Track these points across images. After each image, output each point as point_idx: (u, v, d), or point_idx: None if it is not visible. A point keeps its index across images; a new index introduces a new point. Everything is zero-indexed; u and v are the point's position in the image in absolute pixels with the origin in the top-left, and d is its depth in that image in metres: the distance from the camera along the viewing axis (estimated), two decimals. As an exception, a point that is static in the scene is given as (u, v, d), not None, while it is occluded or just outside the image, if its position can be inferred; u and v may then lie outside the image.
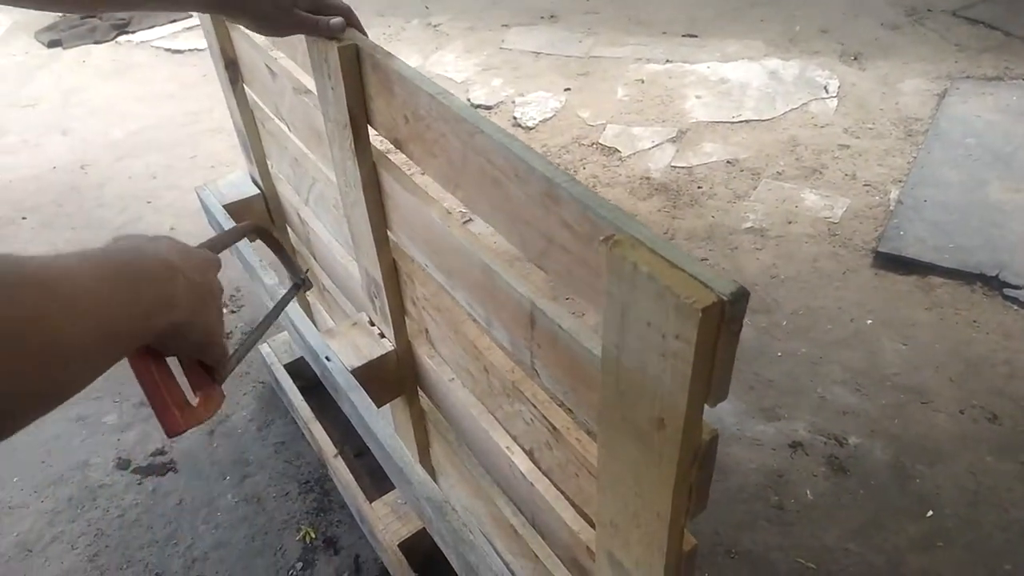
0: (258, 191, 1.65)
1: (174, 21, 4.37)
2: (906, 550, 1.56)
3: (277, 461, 1.86)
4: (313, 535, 1.67)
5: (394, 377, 1.31)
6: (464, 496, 1.41)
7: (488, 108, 3.28)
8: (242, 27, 1.03)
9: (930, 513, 1.63)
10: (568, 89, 3.36)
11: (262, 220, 1.67)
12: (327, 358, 1.22)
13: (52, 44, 4.18)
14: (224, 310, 2.42)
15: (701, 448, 0.65)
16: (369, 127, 1.02)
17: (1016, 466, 1.71)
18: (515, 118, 3.19)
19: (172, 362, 0.66)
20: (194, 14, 2.90)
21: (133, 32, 4.30)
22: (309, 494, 1.77)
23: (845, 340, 2.04)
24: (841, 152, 2.78)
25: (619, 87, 3.34)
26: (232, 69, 1.49)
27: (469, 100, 3.35)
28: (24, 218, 2.81)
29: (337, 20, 0.93)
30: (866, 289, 2.20)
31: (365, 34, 0.96)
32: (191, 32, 4.22)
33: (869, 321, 2.09)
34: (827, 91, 3.16)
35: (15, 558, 1.66)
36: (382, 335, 1.30)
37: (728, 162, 2.79)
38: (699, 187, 2.68)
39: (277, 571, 1.61)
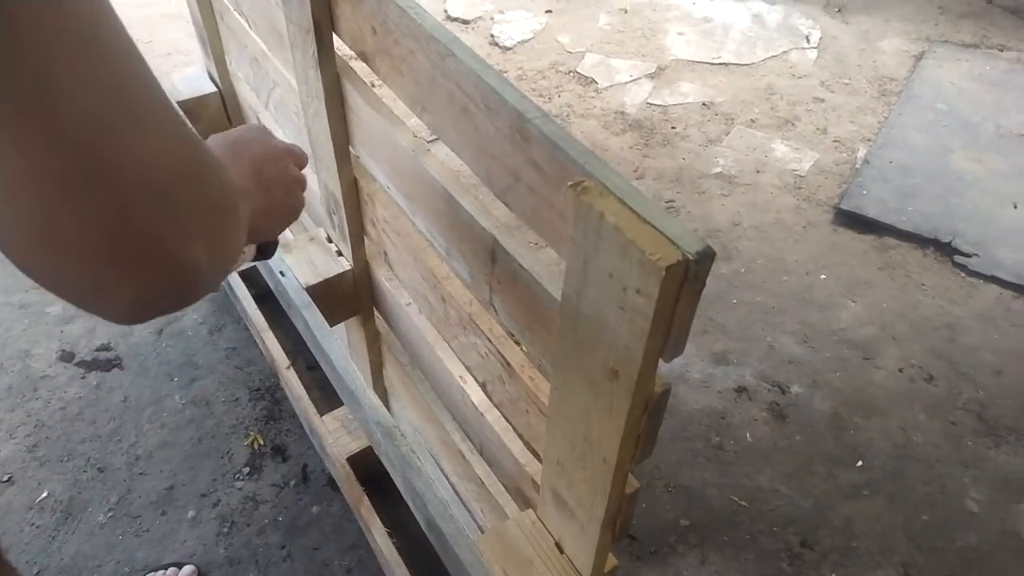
0: (215, 89, 1.58)
1: None
2: (834, 496, 1.64)
3: (227, 366, 1.85)
4: (262, 442, 1.68)
5: (350, 297, 1.30)
6: (414, 418, 1.42)
7: (465, 22, 3.17)
8: None
9: (860, 463, 1.70)
10: (549, 11, 3.26)
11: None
12: (281, 272, 1.20)
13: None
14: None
15: (652, 400, 0.66)
16: (334, 35, 0.97)
17: (945, 424, 1.79)
18: (492, 36, 3.09)
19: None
20: None
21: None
22: (259, 402, 1.77)
23: (799, 293, 2.08)
24: (815, 105, 2.77)
25: (601, 14, 3.25)
26: (195, -46, 1.40)
27: (446, 11, 3.23)
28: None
29: None
30: (824, 244, 2.23)
31: None
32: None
33: (823, 276, 2.13)
34: (808, 41, 3.12)
35: (-48, 445, 1.64)
36: (340, 253, 1.27)
37: (704, 104, 2.76)
38: (673, 127, 2.65)
39: (223, 474, 1.62)
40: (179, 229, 0.42)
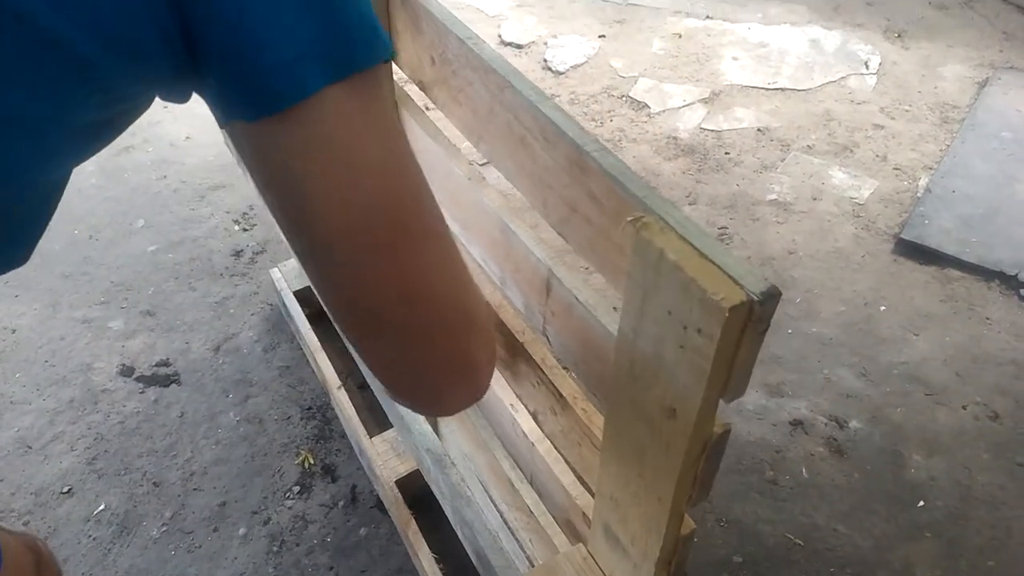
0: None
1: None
2: (894, 537, 1.58)
3: (280, 385, 1.87)
4: (312, 461, 1.70)
5: (403, 320, 1.31)
6: (464, 443, 1.42)
7: (519, 47, 3.20)
8: None
9: (921, 503, 1.64)
10: (603, 36, 3.27)
11: None
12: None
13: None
14: (236, 227, 2.40)
15: (711, 441, 0.64)
16: (392, 64, 0.99)
17: (1011, 465, 1.71)
18: (545, 60, 3.11)
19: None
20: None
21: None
22: (310, 420, 1.79)
23: (857, 324, 2.03)
24: (875, 132, 2.71)
25: (655, 39, 3.24)
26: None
27: (500, 36, 3.27)
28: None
29: None
30: (883, 275, 2.17)
31: None
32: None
33: (883, 307, 2.07)
34: (867, 67, 3.06)
35: (14, 453, 1.69)
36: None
37: (759, 130, 2.72)
38: (727, 153, 2.63)
39: (274, 492, 1.64)
40: (479, 337, 0.51)
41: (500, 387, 1.09)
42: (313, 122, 0.39)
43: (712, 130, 2.74)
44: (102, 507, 1.60)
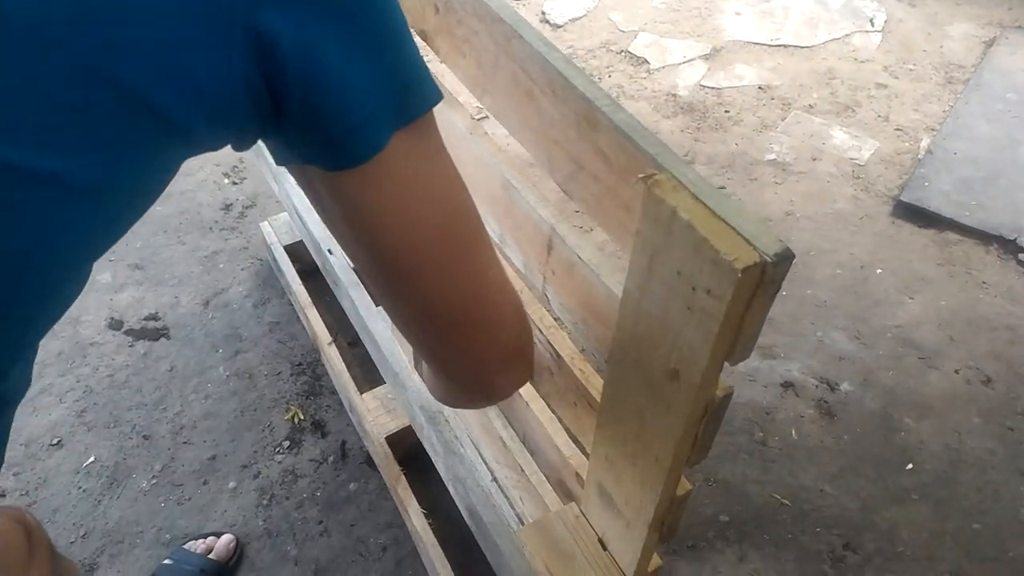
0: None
1: None
2: (881, 499, 1.59)
3: (271, 340, 1.86)
4: (302, 416, 1.69)
5: (397, 277, 1.28)
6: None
7: (517, -1, 3.12)
8: None
9: (910, 466, 1.65)
10: (603, -12, 3.19)
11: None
12: (329, 251, 1.19)
13: None
14: (226, 181, 2.35)
15: (713, 404, 0.63)
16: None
17: (1001, 429, 1.72)
18: (543, 13, 3.04)
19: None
20: None
21: None
22: (300, 376, 1.78)
23: (852, 287, 2.02)
24: (877, 91, 2.67)
25: (657, -8, 3.17)
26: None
27: (498, -13, 3.18)
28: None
29: None
30: (881, 237, 2.16)
31: None
32: None
33: (879, 270, 2.06)
34: (872, 24, 3.01)
35: (4, 407, 1.68)
36: (388, 232, 1.26)
37: (759, 88, 2.68)
38: (726, 111, 2.58)
39: (264, 447, 1.64)
40: (526, 329, 0.59)
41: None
42: (385, 168, 0.44)
43: (712, 87, 2.69)
44: (92, 459, 1.59)
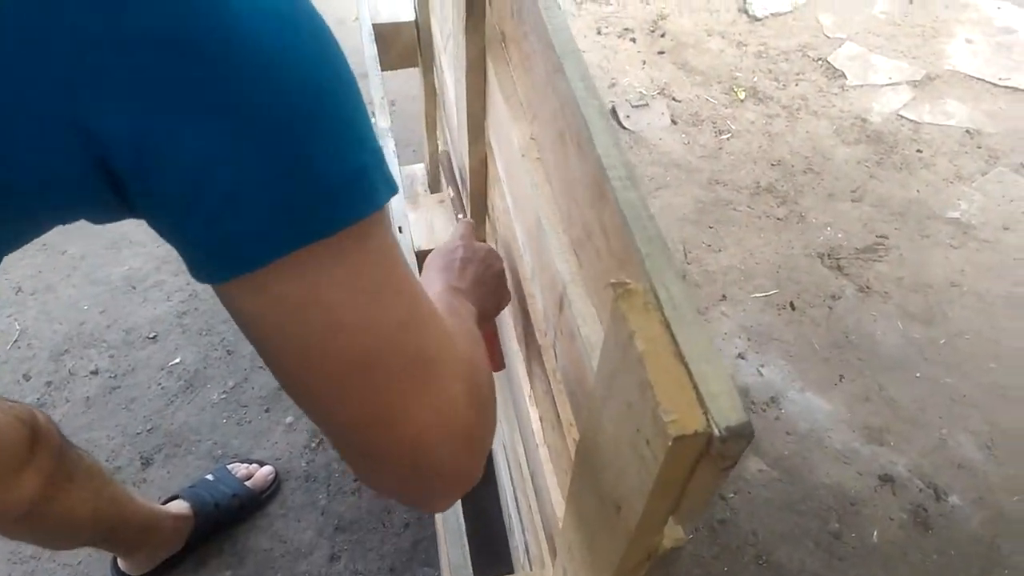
0: (413, 19, 1.54)
1: None
2: (952, 640, 1.39)
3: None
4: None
5: (459, 272, 1.24)
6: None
7: (722, -18, 2.90)
8: None
9: (1001, 614, 1.42)
10: (821, -15, 2.89)
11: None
12: (399, 228, 1.16)
13: None
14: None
15: (656, 554, 0.54)
16: (488, 4, 0.87)
17: None
18: (746, 1, 2.80)
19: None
20: None
21: None
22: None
23: (1002, 388, 1.74)
24: (1116, 163, 2.25)
25: None
26: None
27: (705, -33, 2.97)
28: None
29: None
30: (1060, 338, 1.83)
31: None
32: None
33: (1043, 376, 1.76)
34: None
35: (119, 289, 1.82)
36: (463, 223, 1.21)
37: (967, 131, 2.33)
38: (919, 150, 2.28)
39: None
40: (464, 454, 0.50)
41: (523, 373, 1.01)
42: (279, 286, 0.36)
43: (911, 120, 2.38)
44: (177, 360, 1.69)
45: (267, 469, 1.50)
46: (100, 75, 0.32)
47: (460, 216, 1.10)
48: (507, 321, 1.09)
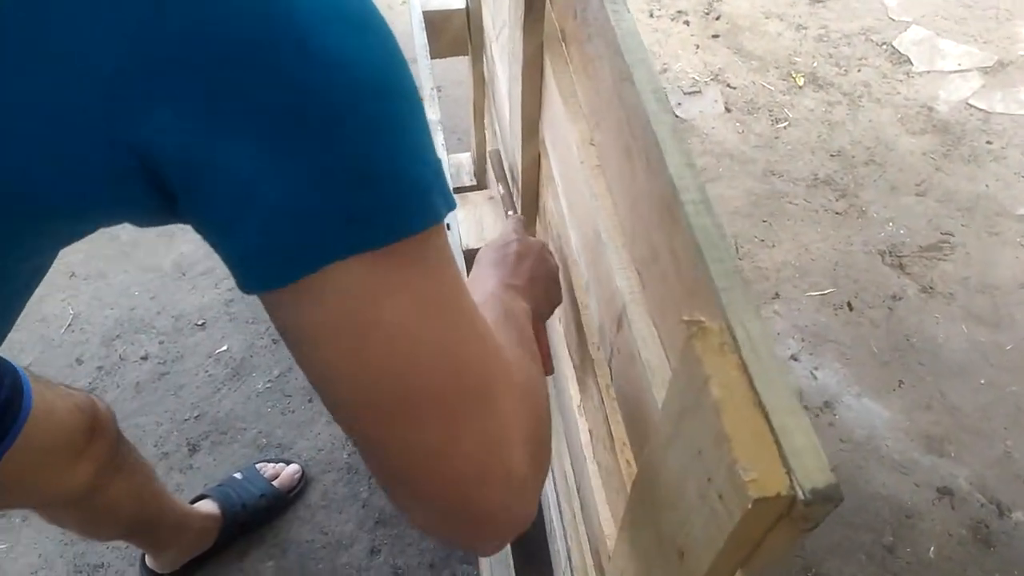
0: (463, 6, 1.50)
1: None
2: (1012, 663, 1.33)
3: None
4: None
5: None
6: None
7: (782, -38, 2.79)
8: None
9: (1066, 638, 1.36)
10: (887, -35, 2.76)
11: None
12: (447, 225, 1.13)
13: None
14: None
15: (725, 604, 0.51)
16: (548, 3, 0.83)
17: None
18: (807, -17, 2.69)
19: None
20: None
21: None
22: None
23: (1074, 396, 1.65)
24: None
25: (952, -19, 2.69)
26: None
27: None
28: None
29: None
30: None
31: None
32: None
33: (1118, 387, 1.67)
34: None
35: (170, 275, 1.83)
36: (513, 222, 1.17)
37: (1042, 122, 2.21)
38: (988, 141, 2.17)
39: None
40: (515, 495, 0.46)
41: (572, 382, 0.97)
42: (332, 295, 0.36)
43: (981, 109, 2.26)
44: (224, 348, 1.70)
45: (293, 468, 1.49)
46: (152, 87, 0.31)
47: (510, 213, 1.07)
48: (555, 326, 1.05)
